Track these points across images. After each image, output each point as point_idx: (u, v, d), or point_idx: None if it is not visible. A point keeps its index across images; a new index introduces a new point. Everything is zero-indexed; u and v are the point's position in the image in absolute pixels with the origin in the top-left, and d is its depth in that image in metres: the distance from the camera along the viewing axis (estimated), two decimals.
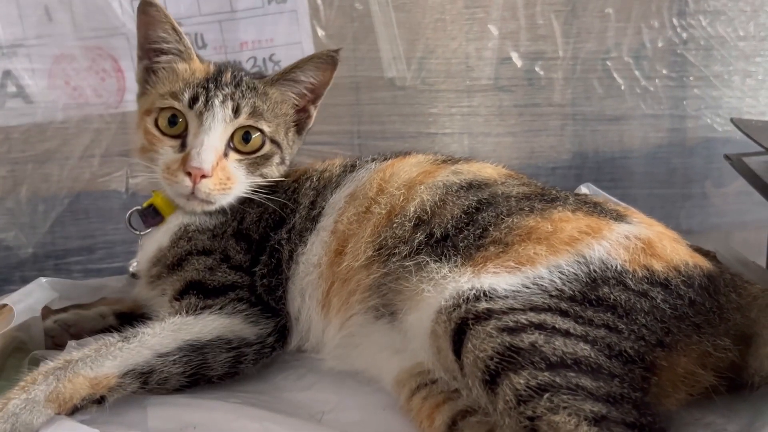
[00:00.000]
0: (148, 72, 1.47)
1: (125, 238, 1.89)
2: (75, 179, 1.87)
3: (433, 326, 1.10)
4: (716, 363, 1.08)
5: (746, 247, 1.57)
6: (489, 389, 0.99)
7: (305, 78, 1.48)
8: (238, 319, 1.32)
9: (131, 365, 1.20)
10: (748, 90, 2.07)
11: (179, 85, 1.41)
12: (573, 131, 2.05)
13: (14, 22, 1.75)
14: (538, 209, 1.20)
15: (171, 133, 1.40)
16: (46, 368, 1.17)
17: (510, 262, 1.11)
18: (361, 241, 1.30)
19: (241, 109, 1.40)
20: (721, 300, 1.12)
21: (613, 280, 1.08)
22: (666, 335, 1.05)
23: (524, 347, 0.99)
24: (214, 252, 1.41)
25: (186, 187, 1.36)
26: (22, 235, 1.86)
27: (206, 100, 1.38)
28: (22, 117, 1.81)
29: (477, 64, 1.99)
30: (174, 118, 1.40)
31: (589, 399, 0.94)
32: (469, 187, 1.29)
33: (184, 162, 1.36)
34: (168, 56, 1.45)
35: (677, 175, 2.10)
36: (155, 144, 1.40)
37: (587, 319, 1.03)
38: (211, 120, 1.38)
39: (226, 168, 1.39)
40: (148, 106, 1.43)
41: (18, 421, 1.10)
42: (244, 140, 1.42)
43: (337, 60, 1.47)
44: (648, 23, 2.00)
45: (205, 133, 1.37)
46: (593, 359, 0.99)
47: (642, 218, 1.23)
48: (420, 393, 1.18)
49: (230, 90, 1.41)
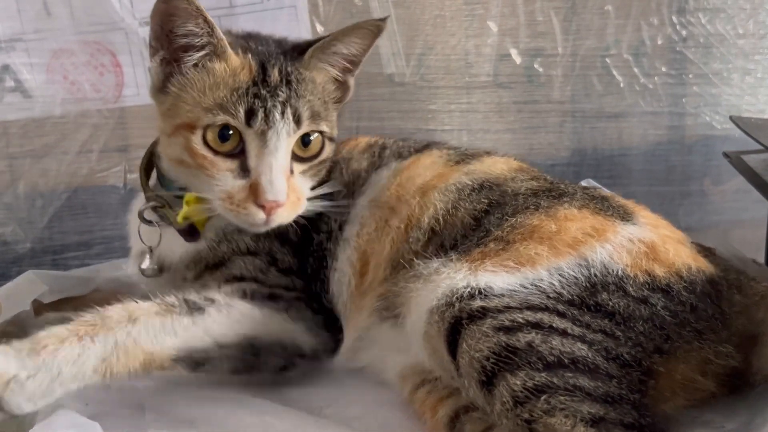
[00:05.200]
0: (168, 65, 1.26)
1: (123, 233, 1.87)
2: (73, 174, 1.86)
3: (426, 327, 1.09)
4: (717, 370, 1.07)
5: (745, 245, 1.58)
6: (486, 390, 0.99)
7: (346, 50, 1.31)
8: (301, 327, 1.26)
9: (190, 349, 1.14)
10: (748, 88, 2.07)
11: (225, 95, 1.21)
12: (572, 128, 2.05)
13: (12, 17, 1.75)
14: (543, 207, 1.18)
15: (224, 150, 1.22)
16: (107, 318, 1.10)
17: (509, 261, 1.09)
18: (381, 261, 1.27)
19: (302, 116, 1.24)
20: (724, 305, 1.11)
21: (613, 286, 1.06)
22: (665, 342, 1.04)
23: (521, 347, 0.98)
24: (259, 253, 1.30)
25: (260, 220, 1.21)
26: (20, 230, 1.86)
27: (266, 115, 1.20)
28: (20, 111, 1.80)
29: (476, 60, 1.98)
30: (225, 131, 1.21)
31: (587, 400, 0.94)
32: (481, 189, 1.26)
33: (254, 193, 1.20)
34: (198, 53, 1.25)
35: (676, 172, 2.10)
36: (207, 168, 1.22)
37: (584, 323, 1.02)
38: (276, 139, 1.21)
39: (295, 187, 1.25)
40: (187, 120, 1.23)
41: (58, 378, 1.04)
42: (303, 144, 1.27)
43: (383, 29, 1.31)
44: (647, 20, 2.00)
45: (271, 155, 1.21)
46: (591, 359, 0.98)
47: (648, 217, 1.21)
48: (425, 387, 1.18)
49: (285, 94, 1.23)
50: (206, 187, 1.24)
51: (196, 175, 1.24)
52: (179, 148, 1.24)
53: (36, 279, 1.48)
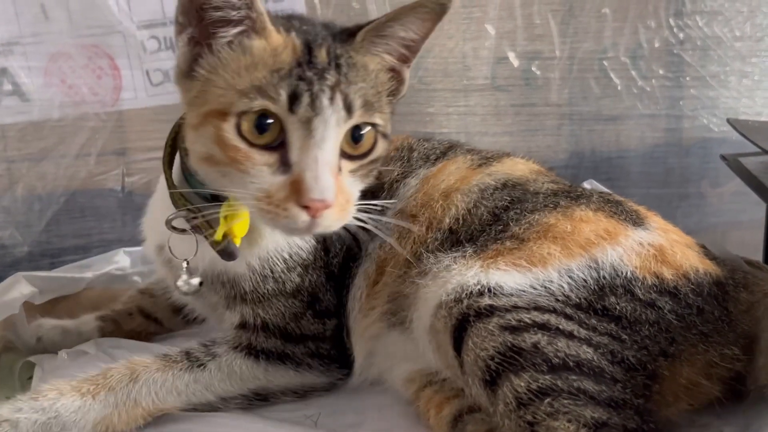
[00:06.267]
0: (197, 45, 1.09)
1: (121, 236, 1.89)
2: (71, 177, 1.86)
3: (432, 320, 1.09)
4: (722, 374, 1.07)
5: (742, 247, 1.58)
6: (489, 390, 0.99)
7: (404, 33, 1.14)
8: (312, 375, 1.24)
9: (192, 405, 1.15)
10: (745, 90, 2.08)
11: (265, 76, 1.03)
12: (570, 131, 2.06)
13: (10, 20, 1.74)
14: (561, 206, 1.18)
15: (261, 142, 1.03)
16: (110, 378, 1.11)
17: (522, 260, 1.10)
18: (396, 265, 1.23)
19: (353, 104, 1.06)
20: (730, 307, 1.12)
21: (621, 289, 1.07)
22: (670, 345, 1.04)
23: (526, 348, 0.98)
24: (302, 293, 1.21)
25: (303, 223, 1.03)
26: (18, 234, 1.85)
27: (312, 100, 1.02)
28: (18, 115, 1.79)
29: (474, 63, 1.98)
30: (263, 120, 1.03)
31: (591, 404, 0.94)
32: (504, 187, 1.25)
33: (296, 191, 1.02)
34: (234, 29, 1.07)
35: (674, 174, 2.10)
36: (241, 162, 1.03)
37: (591, 326, 1.03)
38: (323, 128, 1.03)
39: (343, 188, 1.07)
40: (218, 106, 1.05)
41: (56, 423, 1.05)
42: (354, 140, 1.09)
43: (447, 10, 1.12)
44: (645, 23, 2.00)
45: (317, 147, 1.03)
46: (596, 363, 0.99)
47: (659, 222, 1.22)
48: (432, 387, 1.19)
49: (334, 77, 1.05)
50: (239, 186, 1.05)
51: (227, 173, 1.06)
52: (208, 141, 1.06)
53: (25, 281, 1.47)
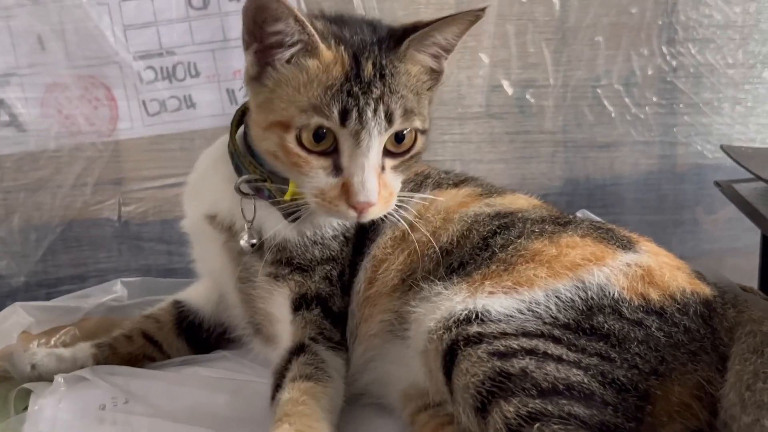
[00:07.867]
0: (263, 57, 1.24)
1: (117, 266, 1.89)
2: (67, 207, 1.86)
3: (425, 345, 1.11)
4: (709, 400, 1.06)
5: (738, 273, 1.58)
6: (480, 416, 0.99)
7: (444, 41, 1.27)
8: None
9: None
10: (738, 117, 2.08)
11: (319, 94, 1.19)
12: (564, 158, 2.06)
13: (7, 51, 1.76)
14: (548, 232, 1.20)
15: (318, 149, 1.20)
16: None
17: (508, 282, 1.11)
18: (392, 269, 1.28)
19: (394, 114, 1.21)
20: (716, 324, 1.12)
21: (608, 308, 1.07)
22: (660, 363, 1.04)
23: (515, 372, 0.98)
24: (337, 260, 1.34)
25: (351, 218, 1.22)
26: (14, 264, 1.85)
27: (359, 115, 1.18)
28: (15, 145, 1.80)
29: (468, 91, 1.99)
30: (320, 131, 1.19)
31: (581, 428, 0.94)
32: (496, 216, 1.28)
33: (346, 192, 1.19)
34: (291, 50, 1.22)
35: (668, 201, 2.11)
36: (301, 166, 1.21)
37: (580, 348, 1.03)
38: (368, 139, 1.19)
39: (386, 183, 1.23)
40: (282, 119, 1.21)
41: None
42: (397, 140, 1.24)
43: (481, 18, 1.27)
44: (638, 51, 2.01)
45: (363, 155, 1.19)
46: (586, 385, 0.98)
47: (651, 246, 1.23)
48: (428, 411, 1.19)
49: (379, 90, 1.20)
50: (298, 182, 1.24)
51: (289, 169, 1.24)
52: (273, 145, 1.23)
53: (22, 311, 1.48)
